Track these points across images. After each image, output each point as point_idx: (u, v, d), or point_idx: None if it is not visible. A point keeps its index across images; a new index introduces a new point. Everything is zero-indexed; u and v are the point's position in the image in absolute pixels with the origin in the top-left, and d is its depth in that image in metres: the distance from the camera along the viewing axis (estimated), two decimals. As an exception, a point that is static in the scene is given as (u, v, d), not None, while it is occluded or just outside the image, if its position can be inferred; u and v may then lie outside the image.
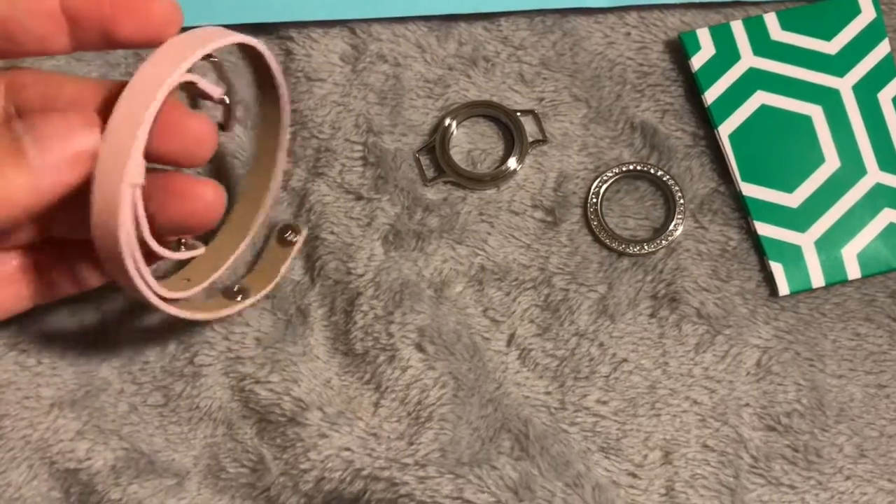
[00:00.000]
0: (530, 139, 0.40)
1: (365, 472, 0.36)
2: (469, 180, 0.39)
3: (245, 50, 0.33)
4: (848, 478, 0.37)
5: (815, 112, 0.39)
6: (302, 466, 0.36)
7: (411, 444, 0.37)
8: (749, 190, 0.39)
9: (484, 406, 0.37)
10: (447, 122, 0.40)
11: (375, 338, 0.38)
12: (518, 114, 0.40)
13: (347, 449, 0.36)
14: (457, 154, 0.40)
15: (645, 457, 0.37)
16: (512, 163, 0.39)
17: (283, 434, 0.37)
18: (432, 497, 0.35)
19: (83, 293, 0.35)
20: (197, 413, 0.38)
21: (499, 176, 0.39)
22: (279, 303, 0.39)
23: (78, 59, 0.41)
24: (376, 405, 0.38)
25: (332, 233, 0.39)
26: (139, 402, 0.38)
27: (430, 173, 0.40)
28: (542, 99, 0.40)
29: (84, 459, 0.37)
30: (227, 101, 0.33)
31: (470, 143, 0.40)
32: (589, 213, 0.39)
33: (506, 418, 0.37)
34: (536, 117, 0.40)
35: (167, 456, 0.37)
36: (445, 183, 0.40)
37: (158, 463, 0.37)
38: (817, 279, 0.38)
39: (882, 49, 0.40)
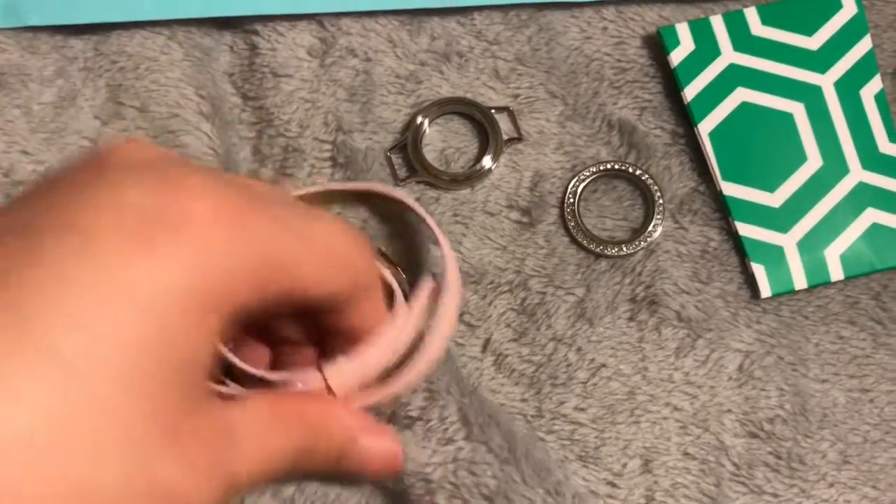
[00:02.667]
0: (505, 137, 0.38)
1: None
2: (442, 180, 0.38)
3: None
4: (831, 485, 0.36)
5: (797, 109, 0.38)
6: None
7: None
8: (730, 189, 0.38)
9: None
10: (419, 119, 0.38)
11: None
12: (493, 111, 0.38)
13: None
14: (430, 153, 0.39)
15: (624, 465, 0.36)
16: (486, 162, 0.38)
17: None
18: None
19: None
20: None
21: (473, 175, 0.38)
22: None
23: (32, 53, 0.39)
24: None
25: (299, 235, 0.37)
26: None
27: (402, 173, 0.38)
28: (517, 95, 0.39)
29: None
30: None
31: (443, 141, 0.39)
32: (566, 214, 0.38)
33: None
34: (511, 114, 0.39)
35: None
36: (418, 183, 0.38)
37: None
38: (800, 281, 0.37)
39: (864, 45, 0.39)
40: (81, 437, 0.19)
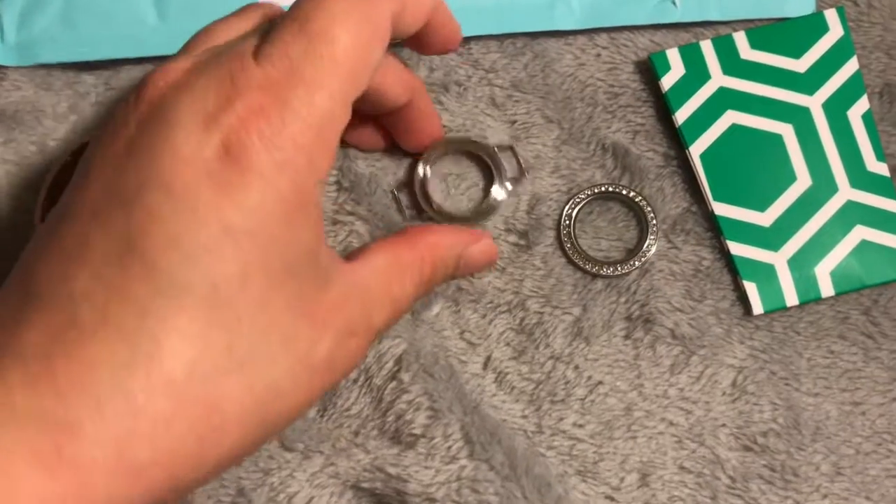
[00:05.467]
0: (509, 175, 0.39)
1: (350, 483, 0.36)
2: (452, 219, 0.39)
3: None
4: (825, 496, 0.37)
5: (786, 130, 0.39)
6: (289, 490, 0.36)
7: (396, 462, 0.36)
8: (721, 209, 0.39)
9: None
10: (420, 169, 0.39)
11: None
12: (495, 149, 0.39)
13: (332, 464, 0.36)
14: (433, 187, 0.39)
15: (622, 479, 0.37)
16: (497, 194, 0.39)
17: (267, 459, 0.37)
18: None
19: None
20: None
21: (480, 214, 0.39)
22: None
23: (45, 90, 0.40)
24: (356, 433, 0.37)
25: (304, 261, 0.39)
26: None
27: (409, 211, 0.39)
28: (514, 122, 0.40)
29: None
30: None
31: (444, 181, 0.40)
32: (562, 236, 0.39)
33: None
34: (514, 152, 0.40)
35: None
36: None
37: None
38: (791, 298, 0.38)
39: (850, 66, 0.40)
40: (247, 350, 0.24)
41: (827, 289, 0.38)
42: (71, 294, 0.24)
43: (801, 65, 0.40)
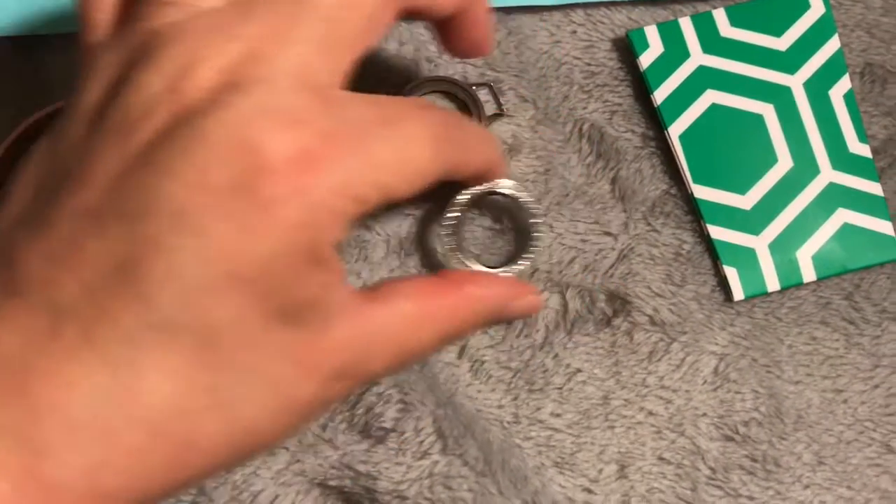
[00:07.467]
0: (488, 113, 0.38)
1: (317, 480, 0.34)
2: None
3: None
4: (807, 486, 0.36)
5: (767, 110, 0.38)
6: (253, 488, 0.35)
7: (365, 458, 0.35)
8: (701, 192, 0.38)
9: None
10: None
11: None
12: (473, 87, 0.38)
13: (298, 461, 0.35)
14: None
15: (600, 471, 0.36)
16: None
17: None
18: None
19: None
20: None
21: None
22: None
23: (-10, 66, 0.38)
24: (324, 427, 0.36)
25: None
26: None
27: None
28: (487, 101, 0.39)
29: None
30: None
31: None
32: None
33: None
34: (492, 89, 0.38)
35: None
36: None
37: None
38: (772, 283, 0.37)
39: (832, 45, 0.39)
40: (229, 392, 0.23)
41: (809, 273, 0.37)
42: (56, 303, 0.22)
43: (781, 43, 0.39)
